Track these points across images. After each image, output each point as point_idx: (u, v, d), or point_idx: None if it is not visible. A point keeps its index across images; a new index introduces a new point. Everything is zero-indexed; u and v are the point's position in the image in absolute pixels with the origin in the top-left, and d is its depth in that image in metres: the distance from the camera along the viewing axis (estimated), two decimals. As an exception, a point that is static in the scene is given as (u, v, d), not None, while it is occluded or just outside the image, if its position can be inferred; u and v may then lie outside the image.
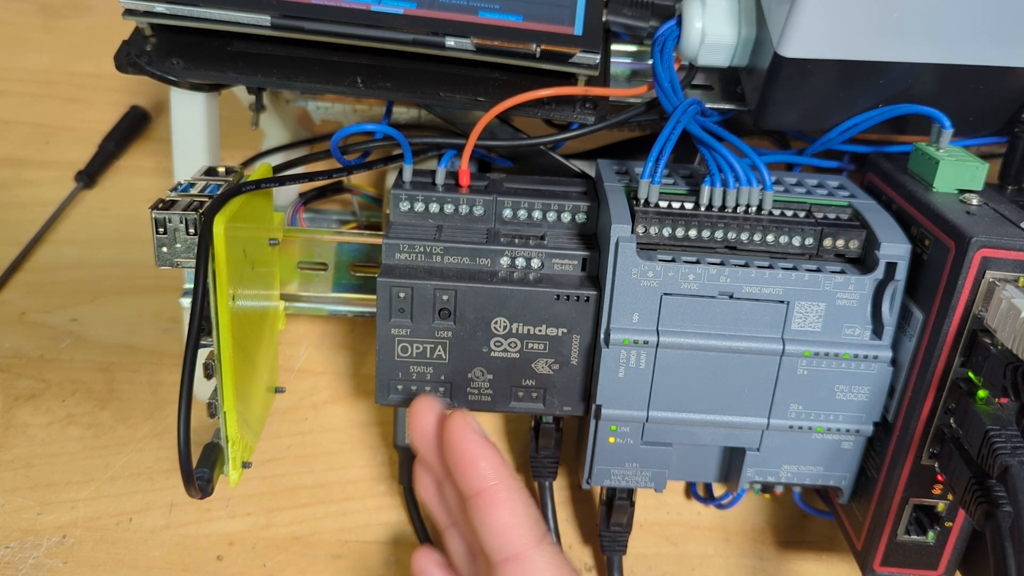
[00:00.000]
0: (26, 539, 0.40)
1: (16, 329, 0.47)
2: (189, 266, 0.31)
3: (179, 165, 0.38)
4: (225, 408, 0.32)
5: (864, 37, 0.33)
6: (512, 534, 0.30)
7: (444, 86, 0.35)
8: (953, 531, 0.34)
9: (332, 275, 0.40)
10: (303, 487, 0.43)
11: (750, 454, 0.36)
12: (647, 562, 0.42)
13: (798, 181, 0.37)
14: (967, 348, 0.31)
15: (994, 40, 0.34)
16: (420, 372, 0.35)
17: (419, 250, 0.34)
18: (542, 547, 0.30)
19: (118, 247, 0.50)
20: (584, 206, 0.36)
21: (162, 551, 0.40)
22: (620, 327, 0.33)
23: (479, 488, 0.31)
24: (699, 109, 0.35)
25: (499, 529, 0.30)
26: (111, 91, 0.57)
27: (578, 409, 0.36)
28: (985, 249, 0.30)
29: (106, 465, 0.42)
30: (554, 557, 0.30)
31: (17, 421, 0.43)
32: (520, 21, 0.35)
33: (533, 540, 0.30)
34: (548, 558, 0.30)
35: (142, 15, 0.34)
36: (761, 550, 0.43)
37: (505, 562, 0.30)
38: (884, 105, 0.36)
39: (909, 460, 0.33)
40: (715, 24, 0.37)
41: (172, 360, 0.46)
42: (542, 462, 0.40)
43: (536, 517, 0.31)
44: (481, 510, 0.31)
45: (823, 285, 0.33)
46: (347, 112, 0.49)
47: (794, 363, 0.34)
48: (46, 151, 0.55)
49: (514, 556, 0.30)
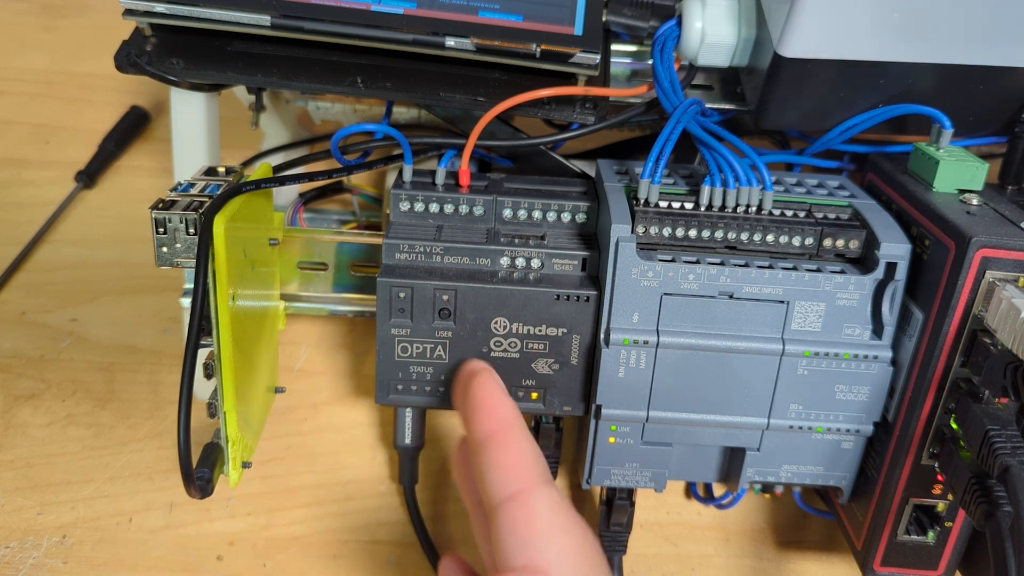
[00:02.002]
0: (26, 539, 0.40)
1: (16, 329, 0.47)
2: (189, 266, 0.31)
3: (179, 165, 0.38)
4: (225, 408, 0.32)
5: (864, 37, 0.33)
6: (515, 473, 0.29)
7: (444, 86, 0.35)
8: (953, 531, 0.34)
9: (332, 275, 0.40)
10: (303, 487, 0.43)
11: (750, 454, 0.36)
12: (647, 562, 0.42)
13: (798, 181, 0.37)
14: (967, 348, 0.31)
15: (994, 40, 0.34)
16: (420, 372, 0.35)
17: (419, 250, 0.34)
18: (544, 488, 0.29)
19: (118, 247, 0.50)
20: (584, 206, 0.36)
21: (162, 551, 0.40)
22: (620, 327, 0.33)
23: (490, 431, 0.31)
24: (699, 109, 0.35)
25: (503, 468, 0.30)
26: (111, 91, 0.57)
27: (578, 409, 0.36)
28: (985, 249, 0.30)
29: (106, 465, 0.42)
30: (556, 499, 0.29)
31: (17, 421, 0.43)
32: (520, 21, 0.35)
33: (536, 480, 0.29)
34: (549, 498, 0.29)
35: (142, 15, 0.34)
36: (761, 550, 0.43)
37: (505, 501, 0.29)
38: (884, 105, 0.36)
39: (909, 460, 0.33)
40: (715, 24, 0.37)
41: (172, 360, 0.46)
42: (542, 462, 0.40)
43: (543, 465, 0.30)
44: (489, 452, 0.30)
45: (823, 285, 0.33)
46: (347, 112, 0.49)
47: (794, 363, 0.34)
48: (46, 151, 0.55)
49: (515, 494, 0.29)
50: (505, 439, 0.30)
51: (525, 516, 0.29)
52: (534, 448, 0.31)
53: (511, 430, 0.31)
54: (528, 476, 0.29)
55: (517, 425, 0.31)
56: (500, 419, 0.31)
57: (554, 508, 0.29)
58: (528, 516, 0.29)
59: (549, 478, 0.30)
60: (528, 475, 0.30)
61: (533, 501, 0.29)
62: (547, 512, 0.29)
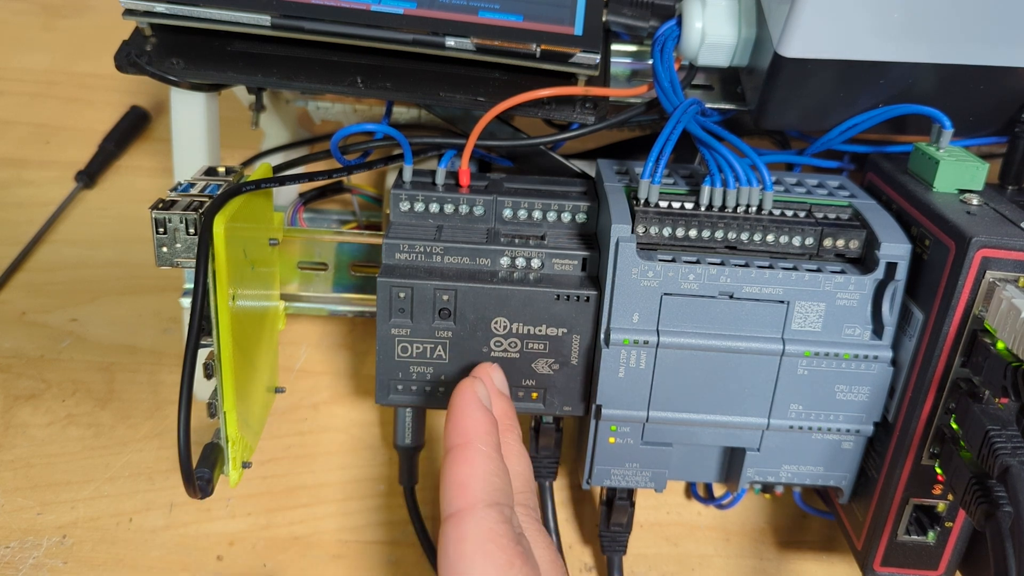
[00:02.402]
0: (26, 539, 0.40)
1: (16, 329, 0.47)
2: (189, 266, 0.31)
3: (179, 165, 0.38)
4: (225, 408, 0.32)
5: (864, 37, 0.33)
6: (459, 492, 0.28)
7: (444, 86, 0.35)
8: (953, 531, 0.34)
9: (332, 275, 0.40)
10: (303, 487, 0.43)
11: (750, 454, 0.36)
12: (647, 562, 0.42)
13: (798, 181, 0.37)
14: (967, 348, 0.31)
15: (994, 40, 0.34)
16: (420, 372, 0.35)
17: (419, 250, 0.34)
18: (486, 511, 0.28)
19: (118, 247, 0.50)
20: (584, 206, 0.36)
21: (162, 551, 0.40)
22: (620, 327, 0.33)
23: (450, 444, 0.30)
24: (699, 109, 0.35)
25: (450, 485, 0.28)
26: (111, 91, 0.57)
27: (578, 409, 0.36)
28: (985, 249, 0.30)
29: (106, 465, 0.42)
30: (496, 527, 0.27)
31: (17, 421, 0.43)
32: (520, 21, 0.35)
33: (478, 502, 0.28)
34: (487, 523, 0.27)
35: (142, 15, 0.34)
36: (761, 550, 0.43)
37: (446, 519, 0.28)
38: (884, 105, 0.36)
39: (909, 460, 0.33)
40: (715, 24, 0.37)
41: (172, 360, 0.46)
42: (542, 462, 0.40)
43: (496, 487, 0.29)
44: (445, 465, 0.29)
45: (823, 285, 0.33)
46: (347, 112, 0.49)
47: (794, 363, 0.34)
48: (46, 151, 0.55)
49: (455, 512, 0.28)
50: (461, 455, 0.29)
51: (457, 537, 0.27)
52: (491, 468, 0.29)
53: (469, 447, 0.29)
54: (471, 497, 0.28)
55: (478, 442, 0.30)
56: (462, 433, 0.30)
57: (490, 535, 0.27)
58: (459, 538, 0.27)
59: (500, 501, 0.28)
60: (471, 496, 0.28)
61: (467, 523, 0.27)
62: (478, 537, 0.27)
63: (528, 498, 0.32)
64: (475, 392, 0.31)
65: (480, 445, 0.30)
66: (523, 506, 0.32)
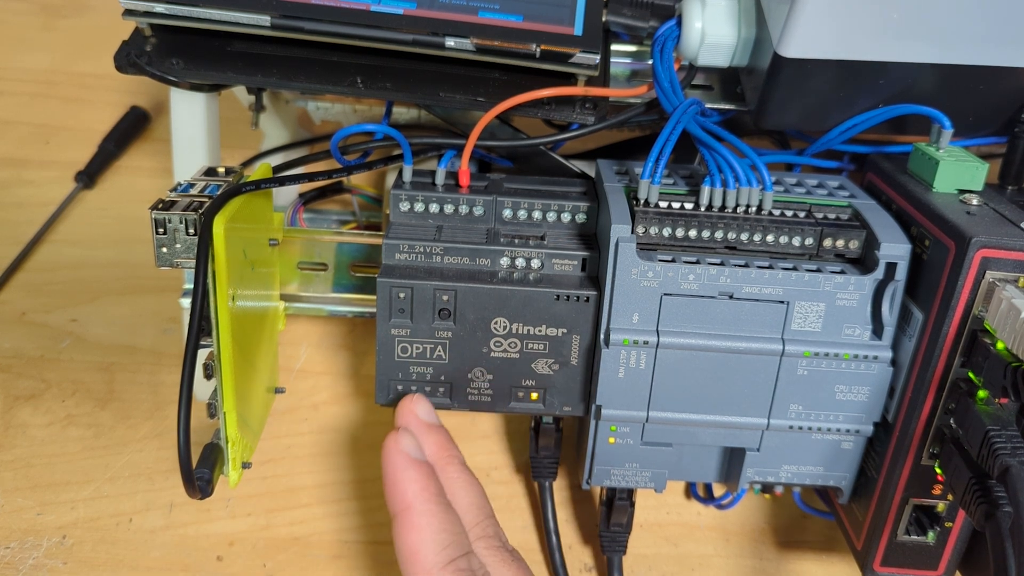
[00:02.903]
0: (26, 539, 0.40)
1: (16, 329, 0.47)
2: (189, 266, 0.31)
3: (179, 165, 0.38)
4: (225, 408, 0.32)
5: (864, 37, 0.33)
6: (412, 560, 0.30)
7: (444, 86, 0.35)
8: (953, 531, 0.34)
9: (332, 275, 0.40)
10: (303, 487, 0.43)
11: (750, 454, 0.36)
12: (647, 562, 0.42)
13: (798, 181, 0.37)
14: (967, 348, 0.31)
15: (994, 40, 0.34)
16: (420, 372, 0.35)
17: (419, 250, 0.34)
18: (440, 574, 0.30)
19: (118, 247, 0.50)
20: (584, 206, 0.36)
21: (162, 551, 0.40)
22: (620, 327, 0.33)
23: (393, 512, 0.31)
24: (699, 109, 0.35)
25: (402, 554, 0.30)
26: (111, 91, 0.57)
27: (578, 409, 0.36)
28: (985, 249, 0.30)
29: (106, 465, 0.42)
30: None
31: (17, 421, 0.43)
32: (520, 21, 0.35)
33: (433, 567, 0.30)
34: None
35: (142, 15, 0.34)
36: (761, 550, 0.43)
37: None
38: (884, 105, 0.36)
39: (909, 460, 0.33)
40: (715, 24, 0.37)
41: (172, 360, 0.46)
42: (542, 462, 0.40)
43: (449, 541, 0.30)
44: (394, 531, 0.31)
45: (823, 285, 0.33)
46: (347, 112, 0.49)
47: (794, 363, 0.34)
48: (46, 151, 0.55)
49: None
50: (405, 522, 0.31)
51: None
52: (436, 525, 0.31)
53: (410, 511, 0.31)
54: (425, 562, 0.30)
55: (417, 503, 0.31)
56: (400, 499, 0.31)
57: None
58: None
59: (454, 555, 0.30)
60: (424, 562, 0.30)
61: None
62: None
63: (486, 527, 0.33)
64: (400, 450, 0.32)
65: (420, 505, 0.31)
66: (482, 538, 0.32)
